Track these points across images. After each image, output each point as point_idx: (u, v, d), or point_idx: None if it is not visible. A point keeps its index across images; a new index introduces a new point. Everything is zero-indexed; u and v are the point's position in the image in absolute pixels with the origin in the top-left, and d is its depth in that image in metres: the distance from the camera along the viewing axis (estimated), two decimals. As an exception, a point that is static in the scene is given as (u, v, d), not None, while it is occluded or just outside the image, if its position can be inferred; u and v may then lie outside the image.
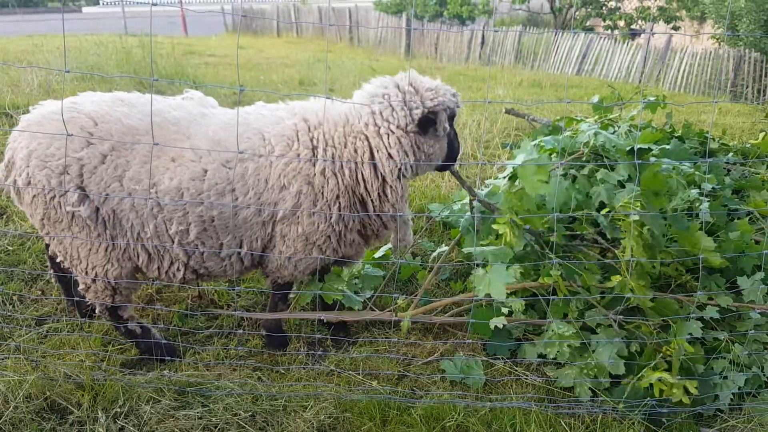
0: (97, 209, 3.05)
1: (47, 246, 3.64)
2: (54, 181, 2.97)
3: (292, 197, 3.15)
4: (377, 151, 3.18)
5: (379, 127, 3.17)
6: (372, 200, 3.29)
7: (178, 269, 3.27)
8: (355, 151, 3.20)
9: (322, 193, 3.19)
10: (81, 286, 3.31)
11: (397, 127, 3.15)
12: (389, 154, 3.17)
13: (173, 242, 3.16)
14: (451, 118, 3.30)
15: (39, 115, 3.04)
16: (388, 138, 3.16)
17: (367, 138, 3.19)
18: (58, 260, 3.36)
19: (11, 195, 3.18)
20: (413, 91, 3.19)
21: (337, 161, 3.18)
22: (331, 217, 3.24)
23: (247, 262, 3.36)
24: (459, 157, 3.49)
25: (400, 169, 3.21)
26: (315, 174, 3.17)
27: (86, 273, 3.22)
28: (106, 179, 3.00)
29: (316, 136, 3.21)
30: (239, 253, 3.27)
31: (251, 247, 3.28)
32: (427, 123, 3.18)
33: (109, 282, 3.23)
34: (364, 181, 3.23)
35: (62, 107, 2.92)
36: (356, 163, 3.20)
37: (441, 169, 3.51)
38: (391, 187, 3.25)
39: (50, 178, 2.97)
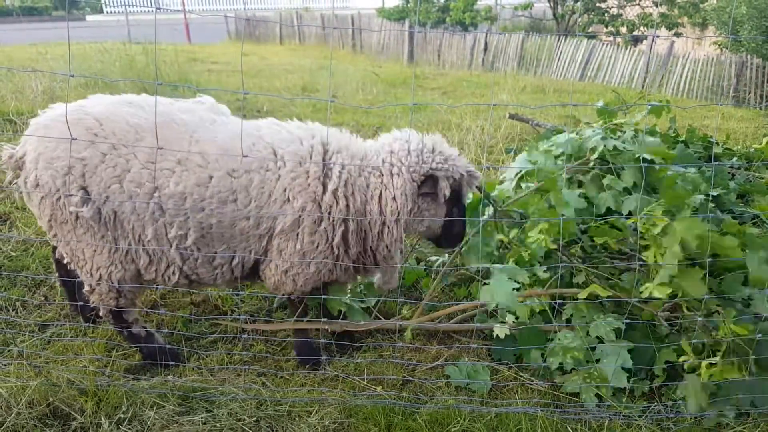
0: (99, 210, 3.04)
1: (54, 249, 3.65)
2: (59, 182, 2.98)
3: (295, 212, 3.14)
4: (386, 188, 3.26)
5: (393, 166, 3.26)
6: (372, 236, 3.36)
7: (173, 273, 3.26)
8: (368, 185, 3.28)
9: (329, 213, 3.20)
10: (86, 288, 3.30)
11: (407, 170, 3.24)
12: (394, 196, 3.25)
13: (171, 246, 3.15)
14: (457, 191, 3.37)
15: (47, 119, 3.05)
16: (397, 178, 3.24)
17: (381, 175, 3.27)
18: (65, 261, 3.35)
19: (24, 196, 3.18)
20: (431, 149, 3.31)
21: (349, 186, 3.23)
22: (333, 239, 3.25)
23: (237, 273, 3.34)
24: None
25: (399, 213, 3.28)
26: (325, 193, 3.18)
27: (91, 275, 3.22)
28: (106, 179, 2.99)
29: (333, 159, 3.25)
30: (230, 263, 3.27)
31: (243, 259, 3.27)
32: (429, 183, 3.27)
33: (113, 284, 3.22)
34: (370, 213, 3.30)
35: (66, 111, 2.92)
36: (366, 195, 3.28)
37: (439, 243, 3.60)
38: (388, 227, 3.31)
39: (55, 179, 2.99)
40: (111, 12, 35.40)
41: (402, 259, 3.66)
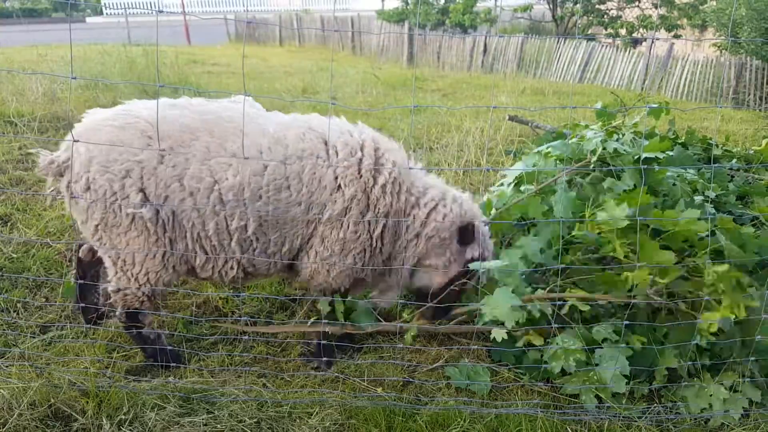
0: (157, 211, 3.08)
1: (79, 247, 3.65)
2: (116, 186, 3.01)
3: (345, 201, 3.23)
4: (425, 227, 3.43)
5: (439, 213, 3.45)
6: (402, 240, 3.49)
7: (231, 267, 3.33)
8: (417, 206, 3.44)
9: (376, 206, 3.29)
10: (112, 287, 3.28)
11: (457, 216, 3.46)
12: (441, 241, 3.48)
13: (232, 239, 3.22)
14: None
15: (93, 122, 3.08)
16: (436, 241, 3.46)
17: (443, 200, 3.48)
18: (105, 266, 3.33)
19: (65, 201, 3.18)
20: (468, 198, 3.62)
21: (396, 185, 3.34)
22: (374, 231, 3.34)
23: (285, 260, 3.42)
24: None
25: (437, 234, 3.45)
26: (375, 186, 3.28)
27: (136, 279, 3.22)
28: (166, 179, 3.04)
29: (386, 156, 3.35)
30: (281, 250, 3.35)
31: (291, 245, 3.35)
32: (466, 233, 3.48)
33: (153, 288, 3.25)
34: (414, 218, 3.43)
35: (70, 115, 2.95)
36: (417, 200, 3.44)
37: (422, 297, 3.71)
38: (419, 238, 3.47)
39: (112, 182, 3.00)
40: (110, 14, 35.44)
41: (401, 288, 3.74)
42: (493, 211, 4.19)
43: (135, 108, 3.18)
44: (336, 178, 3.23)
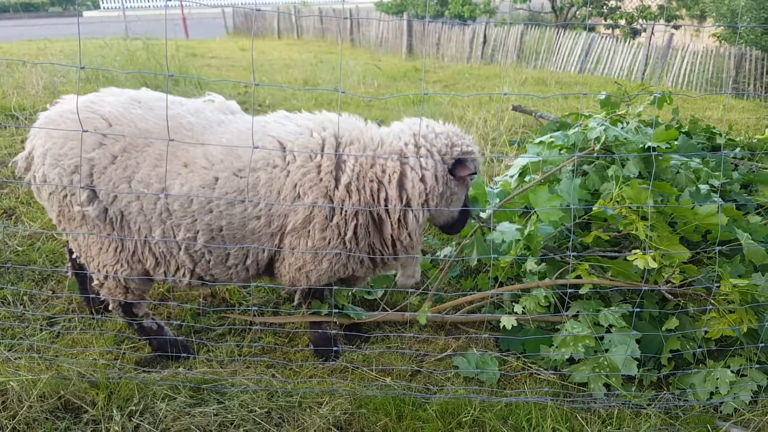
0: (106, 209, 3.03)
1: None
2: (65, 180, 2.97)
3: (305, 209, 3.07)
4: (411, 170, 3.11)
5: (420, 148, 3.13)
6: (392, 222, 3.21)
7: (183, 275, 3.24)
8: (383, 171, 3.14)
9: (341, 208, 3.11)
10: (95, 282, 3.31)
11: (438, 152, 3.13)
12: (422, 176, 3.11)
13: (180, 249, 3.12)
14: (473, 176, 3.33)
15: (56, 113, 3.03)
16: (428, 160, 3.11)
17: (405, 157, 3.13)
18: (74, 256, 3.37)
19: (33, 191, 3.19)
20: (458, 133, 3.25)
21: (361, 179, 3.13)
22: (345, 234, 3.17)
23: (252, 271, 3.31)
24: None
25: (428, 195, 3.14)
26: (338, 187, 3.09)
27: (98, 270, 3.22)
28: (115, 180, 2.97)
29: (348, 150, 3.15)
30: (244, 262, 3.24)
31: (257, 257, 3.23)
32: (460, 165, 3.17)
33: (120, 280, 3.23)
34: (386, 201, 3.16)
35: (77, 106, 2.90)
36: (381, 182, 3.14)
37: (447, 229, 3.48)
38: (413, 212, 3.17)
39: (62, 176, 2.97)
40: (107, 8, 35.29)
41: (419, 261, 3.53)
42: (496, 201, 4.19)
43: (100, 100, 3.07)
44: (295, 186, 3.06)
